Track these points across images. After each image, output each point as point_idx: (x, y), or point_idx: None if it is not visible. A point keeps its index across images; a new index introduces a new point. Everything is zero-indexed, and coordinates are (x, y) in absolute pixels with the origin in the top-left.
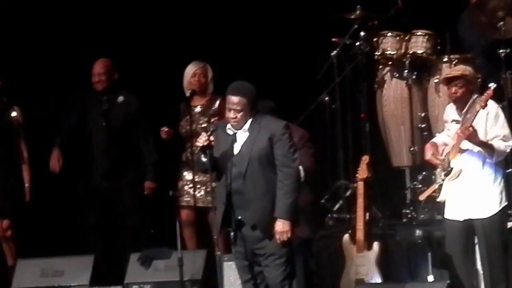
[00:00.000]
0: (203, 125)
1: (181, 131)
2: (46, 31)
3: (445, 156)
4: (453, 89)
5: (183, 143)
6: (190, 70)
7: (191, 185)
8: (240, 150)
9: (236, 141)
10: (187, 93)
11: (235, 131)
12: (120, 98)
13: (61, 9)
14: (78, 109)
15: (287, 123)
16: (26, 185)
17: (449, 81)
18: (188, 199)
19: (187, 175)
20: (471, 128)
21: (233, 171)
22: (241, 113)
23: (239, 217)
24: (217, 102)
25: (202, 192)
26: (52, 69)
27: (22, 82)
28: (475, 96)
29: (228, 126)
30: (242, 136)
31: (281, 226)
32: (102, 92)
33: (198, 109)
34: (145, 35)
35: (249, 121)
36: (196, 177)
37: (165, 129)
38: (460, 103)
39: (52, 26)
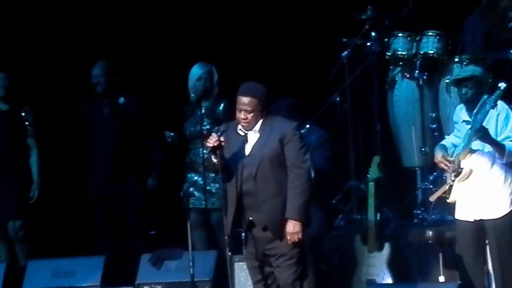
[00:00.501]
0: (207, 127)
1: (185, 133)
2: (47, 31)
3: (455, 157)
4: (464, 90)
5: (186, 145)
6: (196, 72)
7: (196, 188)
8: (251, 151)
9: (247, 142)
10: (192, 96)
11: (246, 131)
12: (121, 100)
13: (62, 10)
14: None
15: (298, 123)
16: (36, 182)
17: (459, 82)
18: (194, 201)
19: (192, 177)
20: (481, 127)
21: (244, 172)
22: (251, 114)
23: (250, 218)
24: (222, 105)
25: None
26: (53, 70)
27: (24, 83)
28: (485, 96)
29: (239, 126)
30: (253, 137)
31: (292, 227)
32: (102, 94)
33: (202, 110)
34: (149, 36)
35: (260, 121)
36: (200, 178)
37: (171, 133)
38: (471, 104)
39: (53, 27)
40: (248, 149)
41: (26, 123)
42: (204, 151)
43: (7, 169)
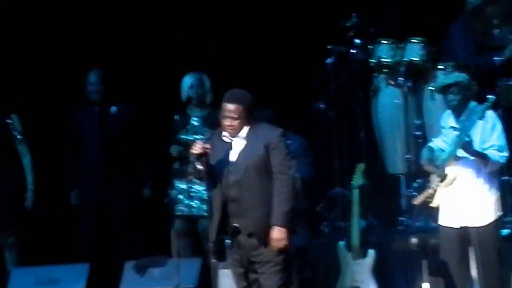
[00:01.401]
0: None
1: (180, 141)
2: (37, 38)
3: (441, 162)
4: (450, 97)
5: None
6: (187, 81)
7: (185, 195)
8: (237, 158)
9: (232, 148)
10: (185, 104)
11: (232, 138)
12: (113, 109)
13: (57, 17)
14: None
15: (284, 130)
16: (30, 190)
17: (445, 89)
18: (182, 208)
19: (180, 185)
20: (466, 138)
21: (229, 178)
22: (237, 121)
23: (235, 225)
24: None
25: (197, 201)
26: (47, 78)
27: (17, 90)
28: (473, 104)
29: (224, 133)
30: (238, 144)
31: (278, 234)
32: (95, 102)
33: (196, 119)
34: (141, 45)
35: (246, 128)
36: (188, 185)
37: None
38: (458, 110)
39: (43, 34)
40: (233, 156)
41: (14, 132)
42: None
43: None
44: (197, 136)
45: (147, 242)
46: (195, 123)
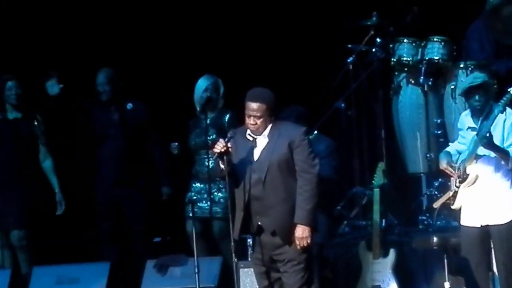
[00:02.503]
0: (213, 137)
1: (190, 144)
2: (55, 39)
3: (460, 163)
4: (477, 97)
5: (191, 156)
6: (202, 84)
7: (199, 197)
8: (259, 156)
9: (255, 147)
10: (198, 107)
11: (255, 137)
12: (129, 106)
13: (72, 16)
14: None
15: (307, 128)
16: (58, 193)
17: (471, 90)
18: (196, 209)
19: (197, 187)
20: (488, 134)
21: (253, 177)
22: (260, 119)
23: (259, 223)
24: (227, 116)
25: (213, 203)
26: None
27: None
28: (492, 103)
29: (248, 132)
30: (261, 142)
31: (301, 232)
32: (109, 101)
33: (208, 121)
34: (156, 45)
35: (269, 127)
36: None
37: (175, 144)
38: (480, 112)
39: (61, 34)
40: (256, 154)
41: (38, 131)
42: (211, 161)
43: (16, 177)
44: (209, 138)
45: (165, 242)
46: (204, 125)
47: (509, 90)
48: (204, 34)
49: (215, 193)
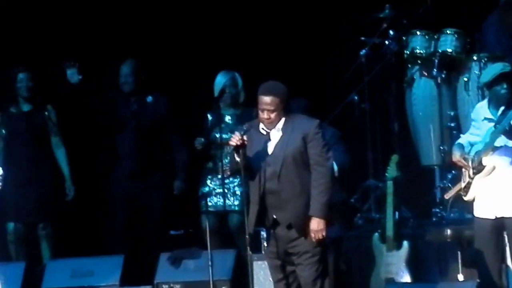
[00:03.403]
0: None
1: (213, 139)
2: (74, 31)
3: (475, 155)
4: (505, 85)
5: (214, 150)
6: (220, 81)
7: (216, 190)
8: (274, 149)
9: (270, 140)
10: (220, 103)
11: (269, 130)
12: (149, 99)
13: (90, 9)
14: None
15: (320, 121)
16: (68, 182)
17: (498, 79)
18: (213, 203)
19: (212, 181)
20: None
21: (267, 170)
22: (274, 113)
23: (274, 217)
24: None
25: (229, 196)
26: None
27: (52, 83)
28: None
29: (262, 126)
30: (275, 135)
31: (317, 225)
32: (130, 93)
33: (229, 118)
34: (177, 41)
35: (282, 120)
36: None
37: (202, 139)
38: (499, 102)
39: (82, 26)
40: (271, 148)
41: (50, 123)
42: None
43: (32, 169)
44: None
45: (182, 235)
46: (229, 122)
47: None
48: (216, 28)
49: (236, 188)
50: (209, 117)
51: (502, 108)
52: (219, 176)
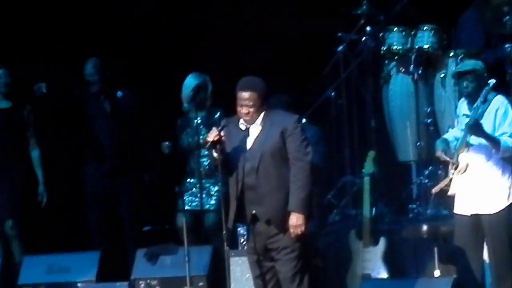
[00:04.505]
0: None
1: (183, 144)
2: (48, 28)
3: (454, 151)
4: (465, 84)
5: (185, 155)
6: (190, 83)
7: (193, 192)
8: (252, 145)
9: (248, 136)
10: (185, 105)
11: (248, 126)
12: (119, 94)
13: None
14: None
15: (299, 117)
16: (41, 184)
17: (460, 75)
18: (189, 202)
19: (191, 183)
20: (474, 122)
21: (246, 166)
22: (253, 108)
23: (253, 212)
24: (218, 114)
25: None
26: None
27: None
28: (483, 91)
29: (241, 121)
30: (254, 130)
31: (295, 220)
32: (99, 90)
33: (198, 120)
34: (145, 39)
35: (261, 115)
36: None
37: (166, 143)
38: (472, 98)
39: (54, 24)
40: (249, 143)
41: (28, 121)
42: (205, 159)
43: (6, 167)
44: (201, 137)
45: (155, 231)
46: (195, 124)
47: (489, 82)
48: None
49: (211, 187)
50: (178, 122)
51: (474, 105)
52: (197, 178)
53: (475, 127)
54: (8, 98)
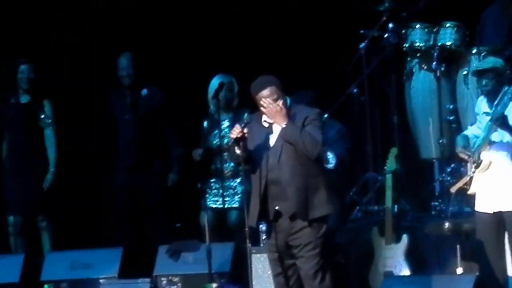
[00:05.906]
0: None
1: (210, 145)
2: (72, 25)
3: (475, 148)
4: (484, 82)
5: (212, 156)
6: (215, 84)
7: (217, 191)
8: (276, 141)
9: (272, 132)
10: (211, 108)
11: (271, 122)
12: (144, 91)
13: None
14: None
15: (321, 111)
16: (51, 171)
17: (480, 73)
18: (213, 201)
19: (216, 183)
20: (501, 116)
21: (269, 162)
22: (280, 100)
23: (277, 208)
24: (245, 114)
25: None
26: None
27: (51, 77)
28: (506, 88)
29: (264, 118)
30: (278, 127)
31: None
32: (128, 86)
33: (226, 123)
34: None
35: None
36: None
37: (199, 151)
38: (491, 95)
39: (79, 22)
40: (273, 140)
41: (42, 115)
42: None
43: (27, 161)
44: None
45: (180, 228)
46: (223, 126)
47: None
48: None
49: (238, 187)
50: (205, 124)
51: (495, 103)
52: (225, 178)
53: (501, 120)
54: (28, 93)
